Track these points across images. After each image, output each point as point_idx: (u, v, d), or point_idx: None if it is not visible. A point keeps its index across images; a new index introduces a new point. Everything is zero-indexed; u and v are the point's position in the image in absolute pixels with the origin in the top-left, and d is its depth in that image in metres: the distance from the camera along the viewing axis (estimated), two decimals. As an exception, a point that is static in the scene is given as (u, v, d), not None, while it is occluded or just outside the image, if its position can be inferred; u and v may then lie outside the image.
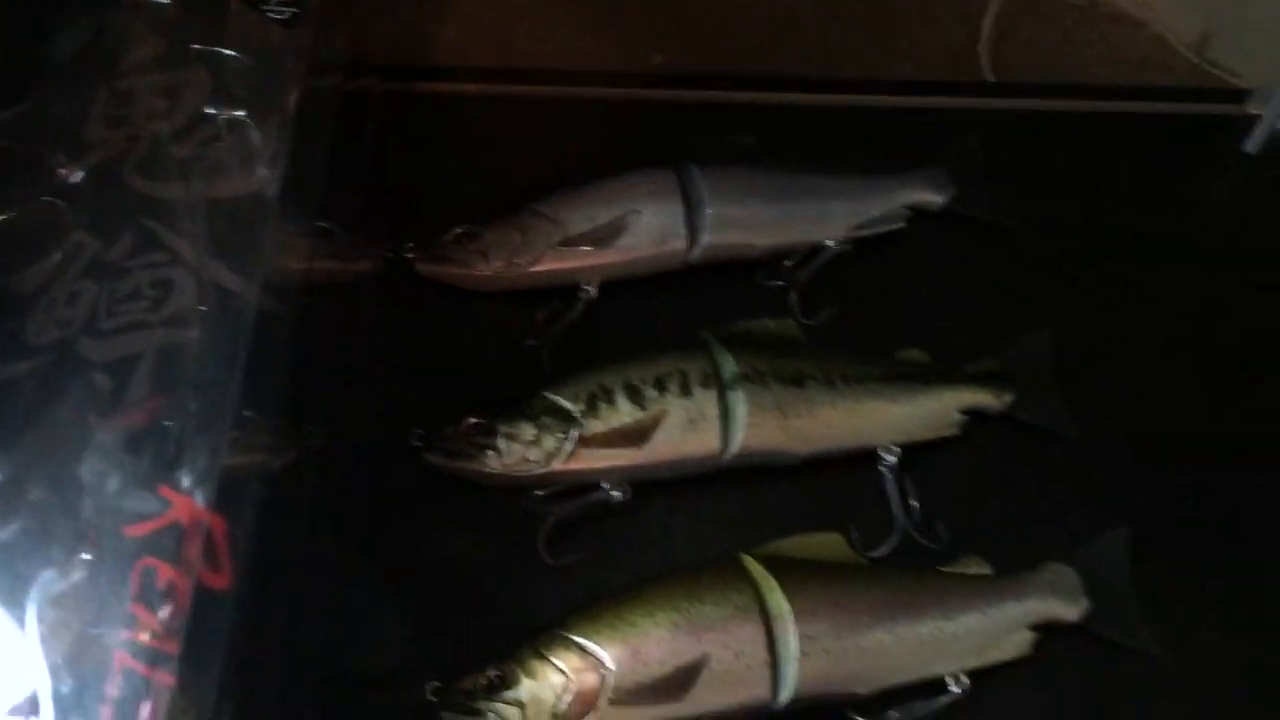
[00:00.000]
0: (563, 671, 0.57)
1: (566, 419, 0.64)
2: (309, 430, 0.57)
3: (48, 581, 0.42)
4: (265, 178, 0.53)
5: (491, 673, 0.57)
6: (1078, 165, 0.78)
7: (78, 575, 0.42)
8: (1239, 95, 0.80)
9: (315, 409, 0.58)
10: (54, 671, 0.40)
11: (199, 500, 0.45)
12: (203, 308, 0.49)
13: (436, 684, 0.58)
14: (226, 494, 0.46)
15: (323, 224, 0.59)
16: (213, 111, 0.54)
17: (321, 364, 0.60)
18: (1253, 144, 0.77)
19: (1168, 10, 0.89)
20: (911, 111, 0.80)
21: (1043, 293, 0.72)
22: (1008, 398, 0.67)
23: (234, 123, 0.54)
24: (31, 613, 0.41)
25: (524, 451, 0.63)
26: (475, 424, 0.64)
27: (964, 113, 0.81)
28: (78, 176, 0.52)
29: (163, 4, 0.55)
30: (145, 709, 0.41)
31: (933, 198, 0.75)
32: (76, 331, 0.49)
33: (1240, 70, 0.84)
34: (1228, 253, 0.75)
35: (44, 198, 0.52)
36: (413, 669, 0.58)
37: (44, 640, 0.41)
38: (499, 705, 0.57)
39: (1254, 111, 0.78)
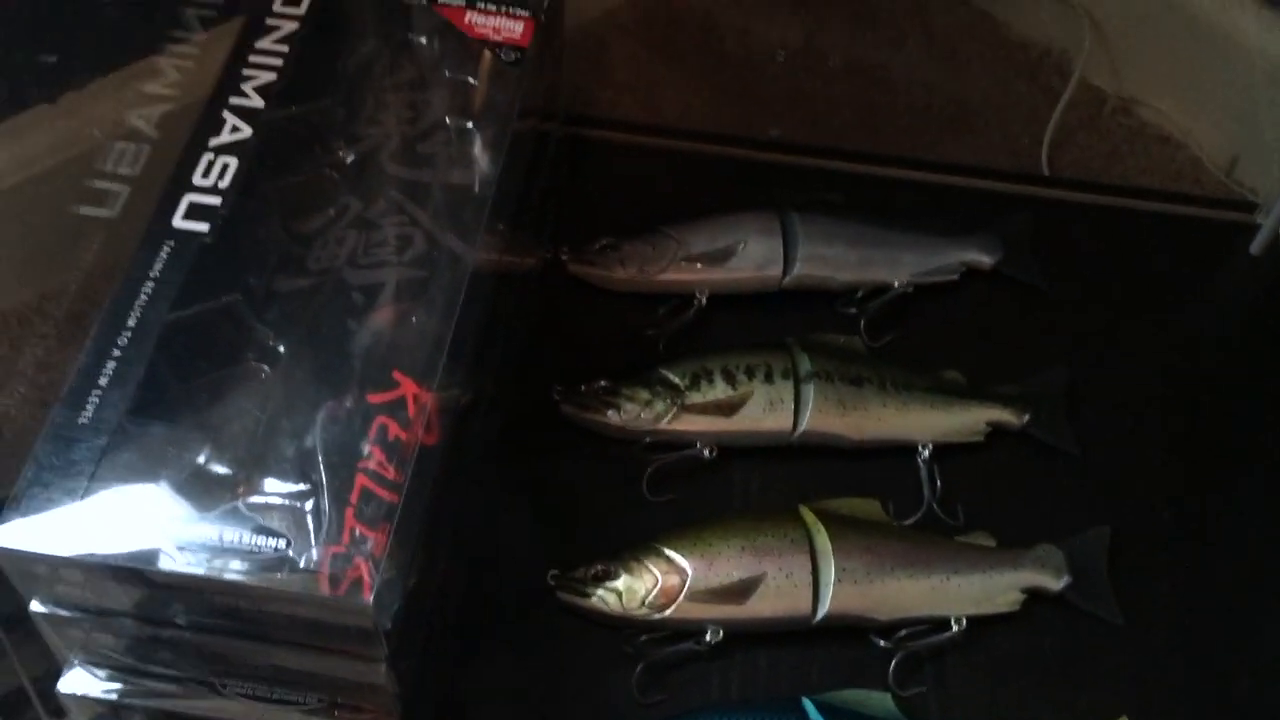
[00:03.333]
0: (653, 572, 0.73)
1: (674, 389, 0.80)
2: (485, 377, 0.76)
3: (325, 413, 0.60)
4: (480, 176, 0.71)
5: (599, 566, 0.74)
6: (1108, 249, 0.93)
7: (341, 415, 0.61)
8: (1251, 206, 0.96)
9: (491, 362, 0.76)
10: (327, 470, 0.59)
11: (422, 384, 0.63)
12: (431, 257, 0.68)
13: (555, 571, 0.75)
14: (442, 385, 0.64)
15: (513, 225, 0.78)
16: (449, 121, 0.73)
17: (498, 330, 0.77)
18: (1256, 246, 0.93)
19: (1204, 136, 1.06)
20: (977, 191, 0.97)
21: (1065, 344, 0.87)
22: (1025, 417, 0.83)
23: (463, 132, 0.73)
24: (316, 430, 0.60)
25: (639, 411, 0.79)
26: (603, 386, 0.80)
27: (1020, 197, 0.97)
28: (350, 158, 0.69)
29: (424, 42, 0.75)
30: (375, 514, 0.59)
31: (984, 259, 0.90)
32: (342, 263, 0.65)
33: (1259, 189, 1.01)
34: (1224, 330, 0.91)
35: (326, 170, 0.69)
36: (538, 561, 0.75)
37: (322, 449, 0.59)
38: (602, 591, 0.73)
39: (1260, 221, 0.94)
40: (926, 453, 0.81)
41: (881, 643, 0.74)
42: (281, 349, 0.64)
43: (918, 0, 1.15)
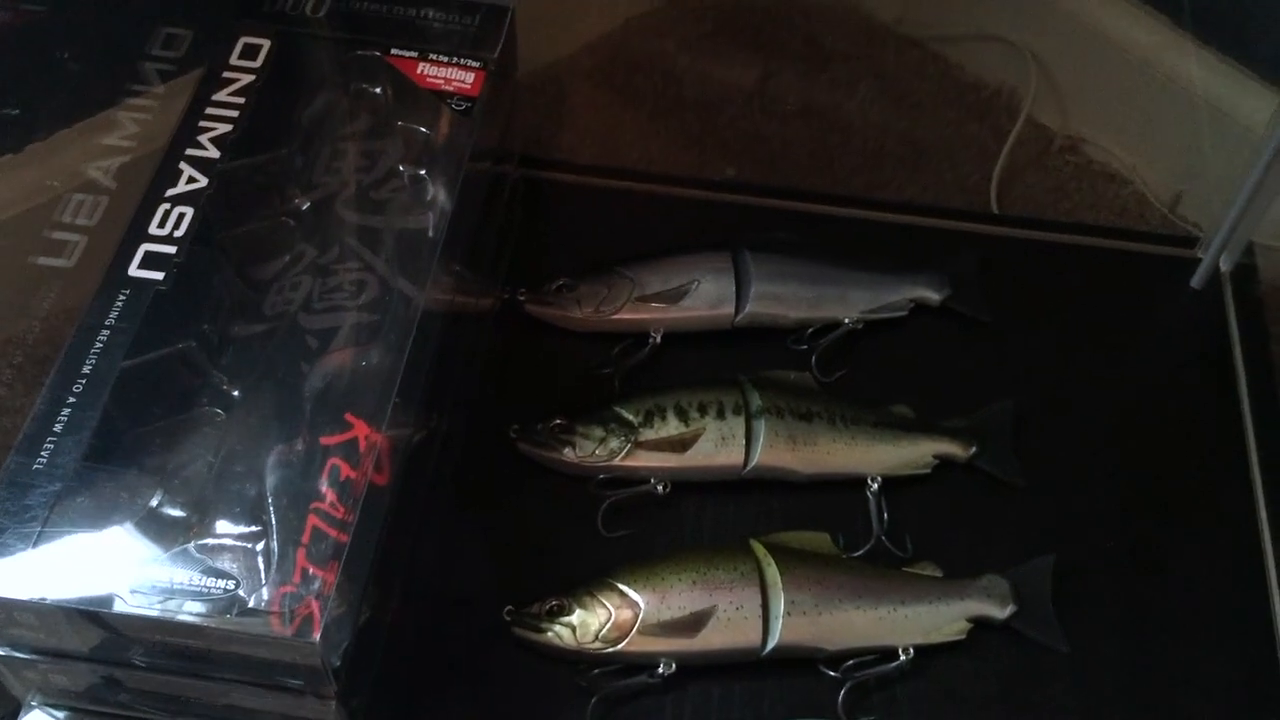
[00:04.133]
0: (606, 606, 0.75)
1: (628, 427, 0.82)
2: (439, 416, 0.77)
3: (278, 456, 0.62)
4: (432, 221, 0.73)
5: (553, 601, 0.75)
6: (1054, 284, 0.95)
7: (294, 458, 0.63)
8: (1193, 241, 0.99)
9: (445, 401, 0.78)
10: (277, 511, 0.60)
11: (372, 425, 0.65)
12: (385, 301, 0.70)
13: (510, 607, 0.76)
14: (392, 425, 0.66)
15: (465, 266, 0.80)
16: (402, 169, 0.75)
17: (452, 370, 0.79)
18: (1197, 280, 0.96)
19: (1149, 173, 1.09)
20: (926, 229, 0.99)
21: (1011, 377, 0.89)
22: (972, 449, 0.84)
23: (416, 179, 0.75)
24: (268, 473, 0.61)
25: (593, 448, 0.81)
26: (559, 424, 0.82)
27: (968, 234, 0.99)
28: (305, 205, 0.72)
29: (377, 93, 0.77)
30: (325, 553, 0.60)
31: (932, 295, 0.91)
32: (297, 308, 0.68)
33: (1201, 224, 1.03)
34: (1166, 361, 0.93)
35: (282, 217, 0.71)
36: (494, 596, 0.76)
37: (273, 491, 0.61)
38: (557, 626, 0.74)
39: (1200, 255, 0.97)
40: (875, 485, 0.83)
41: (831, 673, 0.76)
42: (236, 393, 0.65)
43: (871, 43, 1.18)
